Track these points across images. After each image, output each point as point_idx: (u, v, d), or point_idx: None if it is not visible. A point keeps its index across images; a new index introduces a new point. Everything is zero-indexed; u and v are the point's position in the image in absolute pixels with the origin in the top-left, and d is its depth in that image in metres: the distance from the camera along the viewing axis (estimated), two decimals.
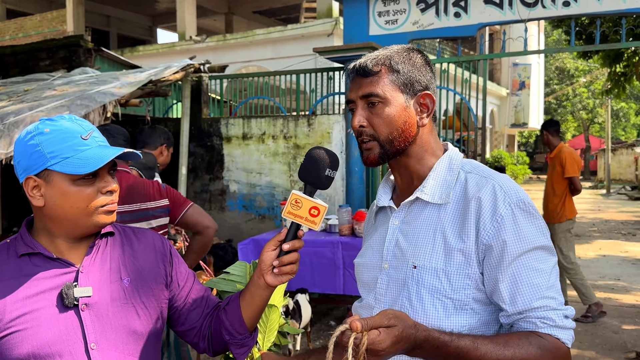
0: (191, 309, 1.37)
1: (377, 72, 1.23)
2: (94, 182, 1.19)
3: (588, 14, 5.25)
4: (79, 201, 1.18)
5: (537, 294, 1.10)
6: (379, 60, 1.24)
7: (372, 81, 1.23)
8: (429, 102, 1.25)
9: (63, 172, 1.16)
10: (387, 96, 1.22)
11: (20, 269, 1.19)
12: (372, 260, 1.31)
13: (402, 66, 1.23)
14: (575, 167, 5.72)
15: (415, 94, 1.24)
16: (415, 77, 1.24)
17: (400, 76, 1.23)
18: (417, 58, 1.26)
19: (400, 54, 1.25)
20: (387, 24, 5.87)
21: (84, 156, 1.16)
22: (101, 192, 1.20)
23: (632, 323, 5.43)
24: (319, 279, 4.58)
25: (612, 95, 12.67)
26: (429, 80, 1.26)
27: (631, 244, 10.31)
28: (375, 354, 0.94)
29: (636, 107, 34.43)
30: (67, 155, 1.16)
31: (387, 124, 1.22)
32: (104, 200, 1.21)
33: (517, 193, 1.16)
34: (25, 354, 1.12)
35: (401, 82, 1.23)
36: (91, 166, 1.15)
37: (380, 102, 1.22)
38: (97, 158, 1.17)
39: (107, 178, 1.22)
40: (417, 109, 1.25)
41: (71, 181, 1.17)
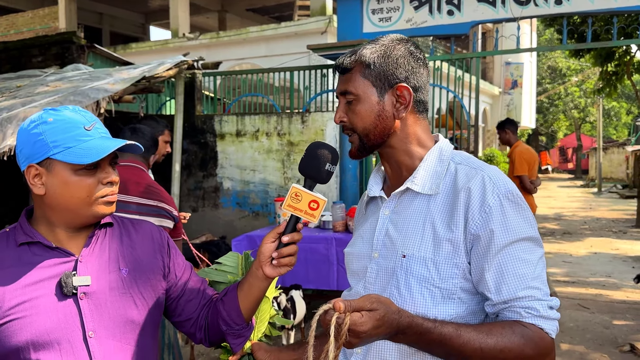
0: (188, 300, 1.38)
1: (351, 69, 1.26)
2: (95, 173, 1.20)
3: (580, 13, 5.29)
4: (80, 191, 1.19)
5: (523, 284, 1.11)
6: (354, 57, 1.26)
7: (347, 78, 1.26)
8: (406, 94, 1.25)
9: (65, 161, 1.17)
10: (359, 92, 1.24)
11: (19, 257, 1.20)
12: (362, 249, 1.33)
13: (374, 60, 1.24)
14: (525, 166, 5.75)
15: (391, 87, 1.24)
16: (389, 70, 1.24)
17: (372, 71, 1.24)
18: (395, 50, 1.25)
19: (377, 48, 1.25)
20: (380, 22, 5.89)
21: (87, 147, 1.17)
22: (102, 182, 1.21)
23: (622, 318, 5.49)
24: (313, 275, 4.59)
25: (603, 94, 12.77)
26: (410, 71, 1.25)
27: (622, 242, 10.41)
28: (356, 335, 0.95)
29: (627, 106, 34.70)
30: (70, 145, 1.17)
31: (361, 119, 1.25)
32: (104, 191, 1.22)
33: (506, 184, 1.17)
34: (24, 341, 1.13)
35: (373, 77, 1.24)
36: (93, 157, 1.16)
37: (354, 98, 1.25)
38: (100, 149, 1.18)
39: (108, 169, 1.23)
40: (393, 102, 1.25)
41: (73, 171, 1.18)
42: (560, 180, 33.10)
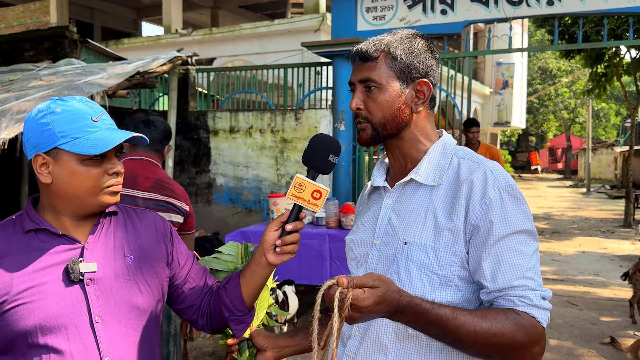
0: (191, 287, 1.41)
1: (375, 58, 1.27)
2: (101, 163, 1.23)
3: (571, 14, 5.37)
4: (86, 180, 1.21)
5: (518, 273, 1.15)
6: (379, 46, 1.28)
7: (370, 66, 1.27)
8: (426, 90, 1.29)
9: (72, 151, 1.19)
10: (382, 82, 1.26)
11: (27, 244, 1.22)
12: (364, 236, 1.37)
13: (400, 53, 1.26)
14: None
15: (413, 80, 1.28)
16: (413, 64, 1.27)
17: (398, 63, 1.26)
18: (419, 44, 1.29)
19: (402, 40, 1.28)
20: (374, 20, 5.94)
21: (94, 137, 1.20)
22: (107, 173, 1.24)
23: (609, 315, 5.58)
24: (306, 271, 4.63)
25: (593, 95, 12.93)
26: (429, 67, 1.29)
27: (610, 241, 10.54)
28: (358, 309, 0.99)
29: (616, 107, 35.06)
30: (77, 136, 1.19)
31: (380, 108, 1.27)
32: (110, 181, 1.24)
33: (506, 179, 1.22)
34: (32, 325, 1.15)
35: (398, 69, 1.27)
36: (100, 148, 1.19)
37: (376, 87, 1.26)
38: (107, 140, 1.20)
39: (114, 160, 1.25)
40: (412, 96, 1.29)
41: (79, 161, 1.20)
42: (549, 180, 33.37)
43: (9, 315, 1.15)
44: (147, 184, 2.63)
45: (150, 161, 2.71)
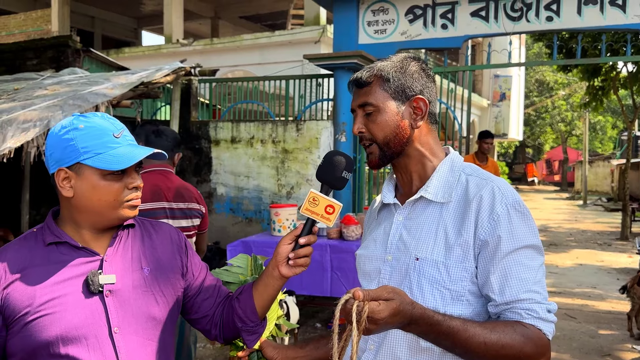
0: (204, 298, 1.45)
1: (370, 83, 1.35)
2: (122, 178, 1.27)
3: (570, 29, 5.45)
4: (107, 195, 1.25)
5: (524, 287, 1.20)
6: (372, 72, 1.36)
7: (366, 91, 1.35)
8: (422, 105, 1.35)
9: (95, 166, 1.23)
10: (379, 104, 1.34)
11: (48, 256, 1.25)
12: (375, 252, 1.41)
13: (392, 74, 1.34)
14: None
15: (408, 98, 1.35)
16: (406, 84, 1.34)
17: (392, 84, 1.34)
18: (410, 65, 1.37)
19: (393, 63, 1.36)
20: (376, 34, 6.01)
21: (116, 153, 1.24)
22: (128, 187, 1.28)
23: (607, 328, 5.61)
24: (307, 282, 4.65)
25: (590, 108, 13.02)
26: (424, 85, 1.36)
27: (607, 254, 10.59)
28: (374, 322, 1.03)
29: (613, 120, 35.27)
30: (100, 152, 1.23)
31: (381, 128, 1.34)
32: (130, 195, 1.29)
33: (513, 195, 1.27)
34: (53, 336, 1.19)
35: (392, 90, 1.34)
36: (123, 163, 1.23)
37: (374, 109, 1.34)
38: (129, 156, 1.25)
39: (134, 175, 1.29)
40: (410, 112, 1.35)
41: (101, 176, 1.24)
42: (546, 192, 33.48)
43: (31, 327, 1.19)
44: (171, 194, 2.77)
45: (167, 170, 2.84)
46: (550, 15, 5.32)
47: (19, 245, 1.28)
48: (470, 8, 5.60)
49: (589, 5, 5.18)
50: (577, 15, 5.23)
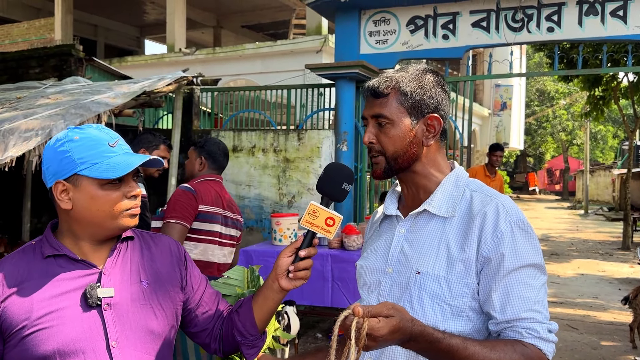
0: (204, 311, 1.44)
1: (387, 94, 1.32)
2: (119, 187, 1.26)
3: (571, 40, 5.47)
4: (106, 204, 1.25)
5: (526, 306, 1.19)
6: (390, 83, 1.32)
7: (382, 103, 1.32)
8: (436, 124, 1.33)
9: (92, 176, 1.23)
10: (394, 118, 1.31)
11: (46, 269, 1.25)
12: (375, 263, 1.40)
13: (411, 89, 1.31)
14: None
15: (423, 115, 1.32)
16: (423, 100, 1.31)
17: (409, 99, 1.31)
18: (429, 80, 1.33)
19: (412, 76, 1.33)
20: (377, 44, 6.03)
21: (112, 162, 1.24)
22: (126, 196, 1.28)
23: (610, 339, 5.58)
24: (308, 291, 4.63)
25: (590, 117, 13.04)
26: (439, 102, 1.33)
27: (608, 264, 10.55)
28: (373, 339, 1.02)
29: (614, 130, 35.30)
30: (96, 161, 1.23)
31: (392, 143, 1.32)
32: (128, 204, 1.28)
33: (517, 213, 1.26)
34: (51, 350, 1.18)
35: (409, 105, 1.31)
36: (119, 171, 1.23)
37: (388, 123, 1.31)
38: (125, 164, 1.24)
39: (131, 183, 1.29)
40: (423, 130, 1.33)
41: (99, 185, 1.24)
42: (547, 201, 33.43)
43: (28, 340, 1.18)
44: (225, 203, 3.00)
45: (221, 182, 3.09)
46: (552, 26, 5.34)
47: (17, 258, 1.27)
48: (472, 19, 5.62)
49: (589, 16, 5.20)
50: (578, 26, 5.25)
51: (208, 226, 2.89)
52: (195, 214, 2.84)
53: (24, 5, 17.28)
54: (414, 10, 5.82)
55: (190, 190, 2.86)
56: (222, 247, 2.99)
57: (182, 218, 2.79)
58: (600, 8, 5.16)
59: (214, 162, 3.09)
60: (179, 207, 2.81)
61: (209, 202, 2.89)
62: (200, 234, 2.88)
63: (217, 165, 3.12)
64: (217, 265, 2.97)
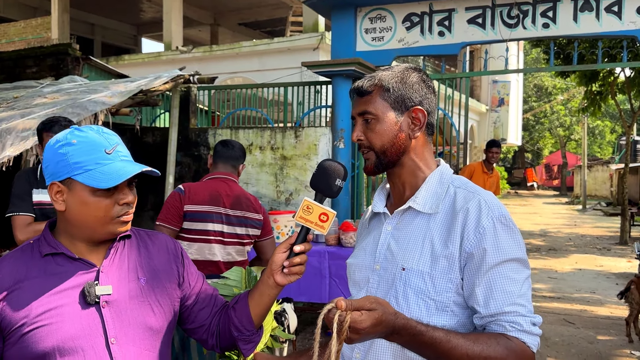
0: (201, 308, 1.46)
1: (370, 92, 1.37)
2: (112, 194, 1.26)
3: (566, 36, 5.49)
4: (97, 211, 1.26)
5: (509, 300, 1.21)
6: (373, 81, 1.37)
7: (367, 100, 1.37)
8: (421, 116, 1.37)
9: (84, 183, 1.23)
10: (378, 113, 1.35)
11: (44, 267, 1.27)
12: (364, 261, 1.43)
13: (393, 85, 1.36)
14: None
15: (407, 109, 1.36)
16: (406, 94, 1.36)
17: (391, 94, 1.36)
18: (411, 76, 1.38)
19: (394, 73, 1.38)
20: (373, 41, 6.04)
21: (105, 170, 1.24)
22: (118, 203, 1.28)
23: (606, 334, 5.61)
24: (305, 288, 4.65)
25: (588, 113, 13.07)
26: (423, 96, 1.38)
27: (606, 259, 10.59)
28: (356, 332, 1.05)
29: (611, 125, 35.36)
30: (90, 168, 1.23)
31: (379, 137, 1.36)
32: (120, 210, 1.28)
33: (500, 208, 1.28)
34: (50, 347, 1.20)
35: (392, 100, 1.36)
36: (111, 181, 1.23)
37: (373, 118, 1.36)
38: (118, 174, 1.24)
39: (125, 190, 1.29)
40: (408, 123, 1.37)
41: (91, 192, 1.25)
42: (545, 197, 33.50)
43: (28, 338, 1.20)
44: (229, 200, 2.94)
45: (230, 179, 3.03)
46: (547, 22, 5.35)
47: (16, 257, 1.29)
48: (467, 15, 5.64)
49: (584, 12, 5.22)
50: (573, 22, 5.27)
51: (201, 225, 2.88)
52: (181, 214, 2.86)
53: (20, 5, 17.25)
54: (410, 7, 5.83)
55: (179, 191, 2.90)
56: (225, 246, 2.95)
57: (166, 220, 2.84)
58: (595, 4, 5.18)
59: (220, 159, 3.09)
60: (165, 210, 2.88)
61: (200, 202, 2.89)
62: (192, 234, 2.88)
63: (224, 161, 3.09)
64: (222, 263, 2.95)
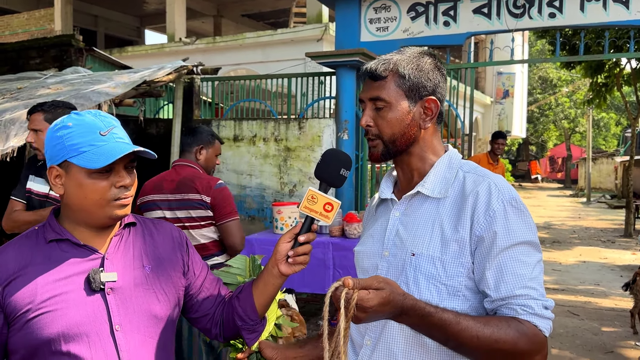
0: (205, 297, 1.45)
1: (384, 77, 1.31)
2: (108, 177, 1.25)
3: (572, 26, 5.43)
4: (92, 193, 1.25)
5: (520, 283, 1.19)
6: (388, 65, 1.32)
7: (380, 85, 1.32)
8: (433, 107, 1.34)
9: (79, 165, 1.23)
10: (391, 101, 1.31)
11: (49, 254, 1.26)
12: (372, 248, 1.41)
13: (408, 72, 1.31)
14: None
15: (421, 98, 1.32)
16: (421, 83, 1.32)
17: (406, 82, 1.31)
18: (426, 62, 1.34)
19: (410, 59, 1.33)
20: (378, 31, 6.00)
21: (99, 151, 1.23)
22: (115, 186, 1.26)
23: (611, 325, 5.60)
24: (309, 279, 4.65)
25: (593, 105, 12.99)
26: (436, 84, 1.34)
27: (610, 251, 10.56)
28: (363, 310, 1.04)
29: (616, 117, 35.14)
30: (85, 150, 1.23)
31: (390, 126, 1.32)
32: (117, 193, 1.27)
33: (510, 191, 1.26)
34: (55, 333, 1.19)
35: (407, 88, 1.31)
36: (103, 161, 1.21)
37: (385, 106, 1.31)
38: (110, 154, 1.22)
39: (122, 173, 1.27)
40: (420, 113, 1.33)
41: (87, 174, 1.24)
42: (549, 189, 33.39)
43: (33, 324, 1.19)
44: (171, 185, 2.94)
45: (181, 164, 3.03)
46: (553, 11, 5.30)
47: (20, 243, 1.29)
48: (473, 5, 5.58)
49: (591, 2, 5.16)
50: (580, 12, 5.21)
51: (148, 214, 2.99)
52: (137, 208, 3.02)
53: None
54: None
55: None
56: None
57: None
58: None
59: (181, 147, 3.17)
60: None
61: (145, 193, 3.02)
62: None
63: (181, 149, 3.15)
64: None
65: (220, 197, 2.93)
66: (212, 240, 3.00)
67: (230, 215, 2.97)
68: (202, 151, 3.10)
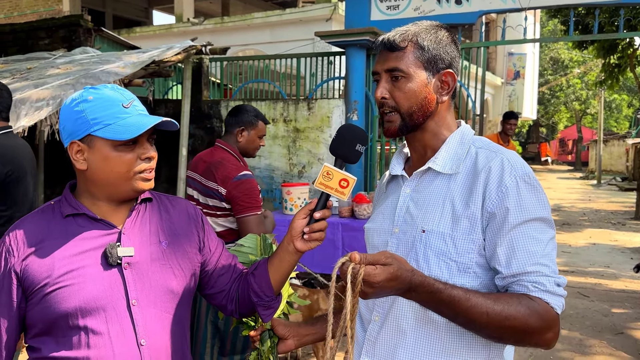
0: (221, 273, 1.45)
1: (403, 48, 1.29)
2: (133, 149, 1.26)
3: (587, 4, 5.34)
4: (119, 166, 1.25)
5: (532, 259, 1.17)
6: (407, 36, 1.29)
7: (398, 56, 1.29)
8: (450, 80, 1.31)
9: (105, 137, 1.22)
10: (410, 72, 1.28)
11: (66, 228, 1.26)
12: (382, 225, 1.39)
13: (427, 43, 1.29)
14: None
15: (438, 71, 1.30)
16: (439, 55, 1.29)
17: (425, 53, 1.28)
18: (443, 36, 1.31)
19: (428, 30, 1.30)
20: (388, 10, 5.92)
21: (125, 123, 1.23)
22: (140, 158, 1.27)
23: (621, 307, 5.60)
24: (319, 259, 4.66)
25: (605, 86, 12.81)
26: (453, 58, 1.32)
27: (620, 233, 10.51)
28: (370, 285, 1.03)
29: (629, 99, 34.70)
30: (109, 122, 1.22)
31: (408, 98, 1.29)
32: (142, 166, 1.27)
33: (523, 167, 1.23)
34: (72, 307, 1.20)
35: (425, 59, 1.29)
36: (132, 133, 1.22)
37: (403, 77, 1.28)
38: (138, 125, 1.23)
39: (146, 145, 1.28)
40: (437, 86, 1.31)
41: (112, 147, 1.24)
42: (559, 172, 33.18)
43: (50, 298, 1.20)
44: (203, 167, 2.95)
45: (218, 146, 3.00)
46: None
47: (37, 218, 1.29)
48: None
49: None
50: None
51: (188, 190, 3.07)
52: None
53: None
54: None
55: None
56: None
57: None
58: None
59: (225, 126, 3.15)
60: None
61: (189, 167, 3.10)
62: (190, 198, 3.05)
63: (225, 128, 3.13)
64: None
65: (237, 190, 2.78)
66: (227, 229, 2.91)
67: (249, 210, 2.78)
68: (244, 132, 3.00)
